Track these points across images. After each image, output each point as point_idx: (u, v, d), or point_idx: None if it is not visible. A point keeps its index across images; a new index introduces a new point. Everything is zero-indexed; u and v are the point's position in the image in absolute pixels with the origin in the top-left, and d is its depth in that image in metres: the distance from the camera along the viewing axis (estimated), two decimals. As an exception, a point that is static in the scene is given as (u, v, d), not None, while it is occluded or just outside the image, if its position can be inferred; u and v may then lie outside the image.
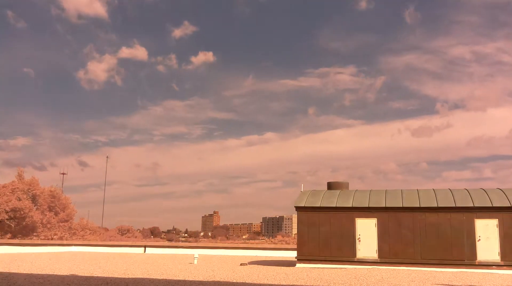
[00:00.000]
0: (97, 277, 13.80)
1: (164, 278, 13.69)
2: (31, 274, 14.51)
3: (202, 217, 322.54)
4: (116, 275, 14.42)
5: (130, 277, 13.93)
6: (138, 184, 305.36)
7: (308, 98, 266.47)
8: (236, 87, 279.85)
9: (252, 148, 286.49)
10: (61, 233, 47.27)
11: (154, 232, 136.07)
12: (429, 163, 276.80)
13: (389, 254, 19.71)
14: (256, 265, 21.43)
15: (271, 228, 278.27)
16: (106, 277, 13.66)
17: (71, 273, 15.07)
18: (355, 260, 19.88)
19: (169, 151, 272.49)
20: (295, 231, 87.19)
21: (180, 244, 44.25)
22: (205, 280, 13.34)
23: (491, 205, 19.12)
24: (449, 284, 13.38)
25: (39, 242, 36.94)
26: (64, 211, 48.60)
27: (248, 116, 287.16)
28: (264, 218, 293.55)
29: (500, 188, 20.39)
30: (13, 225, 43.50)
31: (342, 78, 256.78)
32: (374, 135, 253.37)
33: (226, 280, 13.48)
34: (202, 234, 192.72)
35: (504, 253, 18.71)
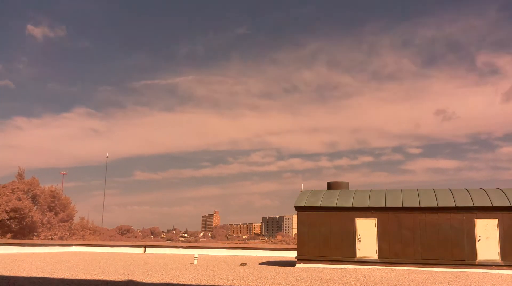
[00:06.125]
0: (97, 278, 13.79)
1: (164, 280, 13.69)
2: (31, 274, 14.50)
3: (202, 217, 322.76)
4: (116, 276, 14.41)
5: (130, 277, 13.93)
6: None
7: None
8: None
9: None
10: (61, 233, 47.29)
11: (154, 232, 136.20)
12: None
13: (389, 254, 19.71)
14: (256, 265, 21.42)
15: (271, 228, 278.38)
16: (106, 278, 13.66)
17: (71, 273, 15.06)
18: (355, 260, 19.87)
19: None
20: (295, 231, 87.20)
21: (180, 244, 44.27)
22: (206, 283, 13.34)
23: (491, 205, 19.12)
24: (449, 284, 13.37)
25: (39, 242, 36.93)
26: (64, 211, 48.64)
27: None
28: (264, 218, 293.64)
29: (500, 188, 20.39)
30: (13, 225, 43.52)
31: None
32: None
33: (226, 283, 13.47)
34: (202, 234, 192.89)
35: (504, 253, 18.71)
